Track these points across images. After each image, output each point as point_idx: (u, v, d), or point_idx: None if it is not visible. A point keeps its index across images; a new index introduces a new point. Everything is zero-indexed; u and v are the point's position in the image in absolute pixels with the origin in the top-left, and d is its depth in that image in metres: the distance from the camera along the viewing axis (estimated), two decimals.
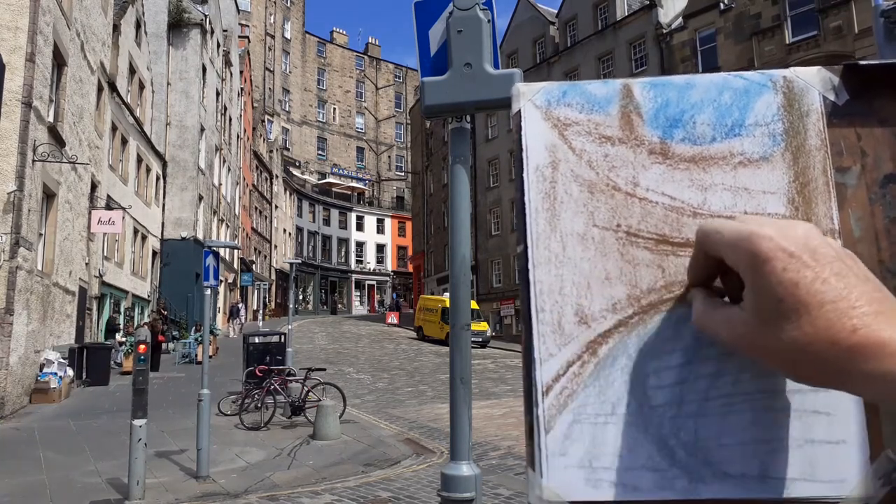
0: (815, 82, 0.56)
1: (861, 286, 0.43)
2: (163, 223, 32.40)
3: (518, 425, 12.15)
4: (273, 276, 56.01)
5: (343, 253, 68.33)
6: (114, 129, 24.27)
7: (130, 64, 27.10)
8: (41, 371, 15.48)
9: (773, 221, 0.48)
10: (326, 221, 66.46)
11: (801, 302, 0.43)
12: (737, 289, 0.49)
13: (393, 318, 45.60)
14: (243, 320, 36.34)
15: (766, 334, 0.45)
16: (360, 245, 69.71)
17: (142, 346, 7.74)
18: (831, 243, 0.46)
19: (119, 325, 23.56)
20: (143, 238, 28.96)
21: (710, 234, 0.49)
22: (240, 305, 37.96)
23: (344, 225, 68.36)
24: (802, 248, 0.44)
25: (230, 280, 40.79)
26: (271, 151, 58.32)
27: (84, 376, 18.11)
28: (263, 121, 61.19)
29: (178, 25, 34.38)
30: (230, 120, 44.67)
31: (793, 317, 0.43)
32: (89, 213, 20.55)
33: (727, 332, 0.48)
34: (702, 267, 0.51)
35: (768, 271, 0.44)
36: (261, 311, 45.59)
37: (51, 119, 16.79)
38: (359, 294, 69.34)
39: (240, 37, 52.21)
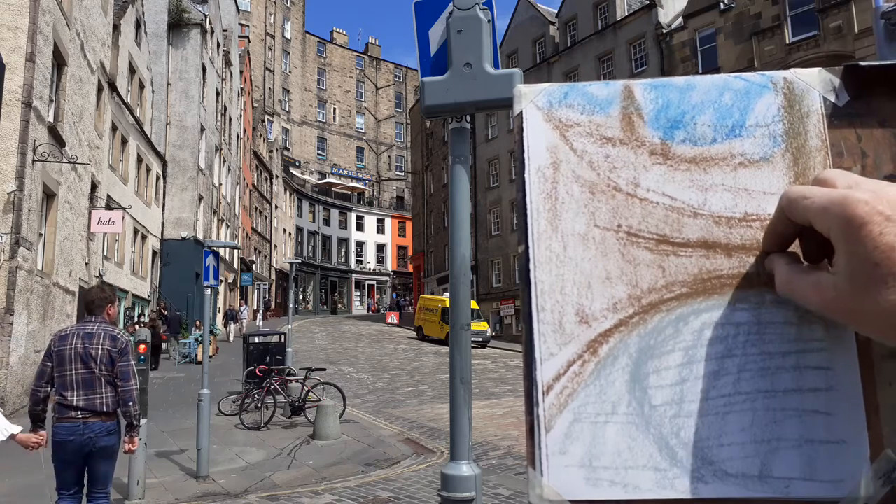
0: (815, 83, 0.56)
1: None
2: (163, 223, 32.40)
3: (518, 425, 12.15)
4: (273, 276, 56.01)
5: (343, 253, 68.33)
6: (114, 129, 24.28)
7: (130, 64, 27.11)
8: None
9: (865, 183, 0.47)
10: (326, 221, 66.45)
11: None
12: (816, 251, 0.49)
13: (393, 317, 45.62)
14: (244, 322, 35.56)
15: (861, 299, 0.44)
16: (360, 245, 69.71)
17: (142, 346, 7.73)
18: None
19: None
20: (143, 238, 28.96)
21: (796, 199, 0.48)
22: (242, 308, 37.36)
23: (344, 225, 68.35)
24: None
25: (230, 280, 40.78)
26: (271, 151, 58.32)
27: None
28: (263, 121, 61.18)
29: (178, 25, 34.39)
30: (230, 120, 44.67)
31: (890, 281, 0.43)
32: (89, 213, 20.56)
33: (817, 296, 0.47)
34: (781, 231, 0.51)
35: (864, 235, 0.43)
36: (261, 312, 45.51)
37: (51, 119, 16.80)
38: (359, 294, 69.33)
39: (240, 37, 52.20)
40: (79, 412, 4.86)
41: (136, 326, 23.37)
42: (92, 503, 5.09)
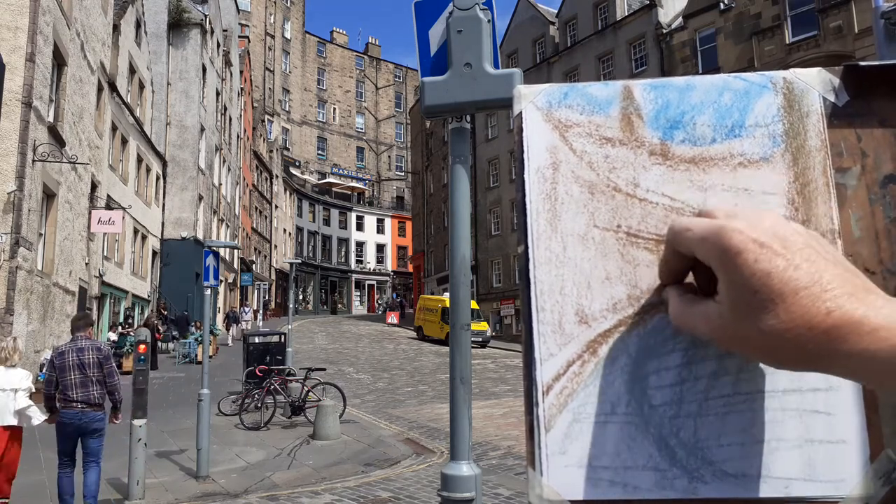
0: (815, 83, 0.56)
1: (832, 269, 0.44)
2: (163, 223, 32.39)
3: (518, 425, 12.15)
4: (273, 276, 56.00)
5: (343, 253, 68.30)
6: (114, 129, 24.27)
7: (130, 64, 27.10)
8: (41, 371, 15.47)
9: (740, 213, 0.48)
10: (326, 221, 66.43)
11: (776, 291, 0.43)
12: (709, 283, 0.49)
13: (393, 317, 45.62)
14: (247, 325, 34.14)
15: (744, 325, 0.45)
16: (360, 245, 69.68)
17: (142, 346, 7.73)
18: (798, 230, 0.46)
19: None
20: (143, 238, 28.96)
21: (679, 231, 0.49)
22: (245, 308, 36.68)
23: (344, 225, 68.33)
24: (772, 238, 0.45)
25: (230, 280, 40.77)
26: (271, 151, 58.30)
27: None
28: (263, 121, 61.16)
29: (178, 25, 34.37)
30: (230, 120, 44.67)
31: (769, 306, 0.44)
32: (89, 213, 20.56)
33: (705, 326, 0.48)
34: (673, 265, 0.52)
35: (740, 263, 0.45)
36: (261, 312, 45.42)
37: (51, 119, 16.80)
38: (359, 294, 69.31)
39: (240, 37, 52.18)
40: (78, 404, 6.74)
41: (121, 326, 23.33)
42: (87, 469, 6.93)
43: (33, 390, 6.80)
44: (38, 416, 6.68)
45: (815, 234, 0.47)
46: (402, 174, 77.76)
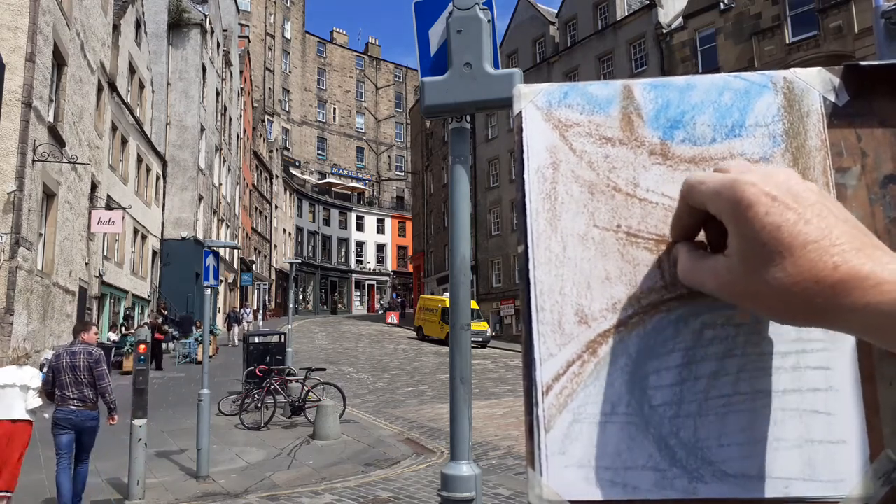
0: (815, 83, 0.56)
1: (841, 225, 0.44)
2: (163, 223, 32.39)
3: (518, 425, 12.15)
4: (273, 276, 56.00)
5: (343, 253, 68.31)
6: (114, 129, 24.28)
7: (130, 64, 27.10)
8: (41, 371, 15.47)
9: (755, 168, 0.48)
10: (326, 221, 66.42)
11: (785, 244, 0.44)
12: (719, 239, 0.50)
13: (393, 317, 45.62)
14: (248, 326, 33.35)
15: (753, 279, 0.45)
16: (360, 245, 69.68)
17: (142, 346, 7.74)
18: (812, 187, 0.46)
19: None
20: (143, 238, 28.96)
21: (694, 185, 0.50)
22: (246, 309, 36.24)
23: (344, 225, 68.33)
24: (785, 192, 0.45)
25: (230, 280, 40.75)
26: (271, 151, 58.29)
27: None
28: (263, 121, 61.15)
29: (178, 25, 34.38)
30: (230, 120, 44.66)
31: (777, 259, 0.44)
32: (89, 213, 20.56)
33: (713, 280, 0.48)
34: (685, 220, 0.52)
35: (752, 216, 0.45)
36: (261, 312, 45.38)
37: (51, 119, 16.80)
38: (359, 294, 69.32)
39: (240, 37, 52.17)
40: (74, 401, 7.14)
41: (123, 327, 23.32)
42: (79, 463, 7.35)
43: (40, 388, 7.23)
44: (47, 412, 7.35)
45: (829, 194, 0.47)
46: (402, 174, 77.76)
